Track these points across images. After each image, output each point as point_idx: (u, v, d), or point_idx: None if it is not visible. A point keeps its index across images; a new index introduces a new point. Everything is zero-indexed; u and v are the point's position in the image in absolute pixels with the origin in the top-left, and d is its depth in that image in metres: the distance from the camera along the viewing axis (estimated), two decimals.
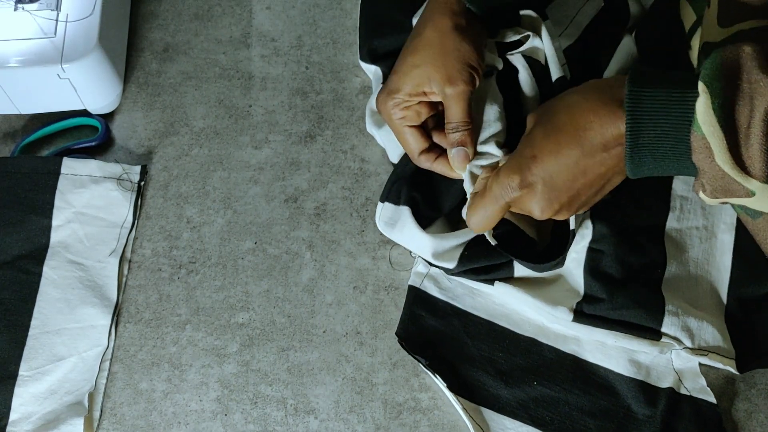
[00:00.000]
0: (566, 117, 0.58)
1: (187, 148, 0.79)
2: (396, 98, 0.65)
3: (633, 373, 0.66)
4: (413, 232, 0.68)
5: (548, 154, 0.58)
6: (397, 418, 0.66)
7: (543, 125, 0.59)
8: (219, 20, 0.86)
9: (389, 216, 0.70)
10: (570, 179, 0.58)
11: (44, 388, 0.67)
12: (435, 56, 0.64)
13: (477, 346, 0.68)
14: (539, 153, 0.58)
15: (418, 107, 0.66)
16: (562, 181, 0.58)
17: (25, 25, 0.75)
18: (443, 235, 0.68)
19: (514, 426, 0.65)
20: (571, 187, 0.59)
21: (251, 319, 0.70)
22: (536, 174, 0.59)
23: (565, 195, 0.59)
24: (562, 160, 0.58)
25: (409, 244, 0.70)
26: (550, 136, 0.58)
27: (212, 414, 0.67)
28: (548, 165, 0.58)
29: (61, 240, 0.73)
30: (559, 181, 0.58)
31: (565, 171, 0.58)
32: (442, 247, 0.68)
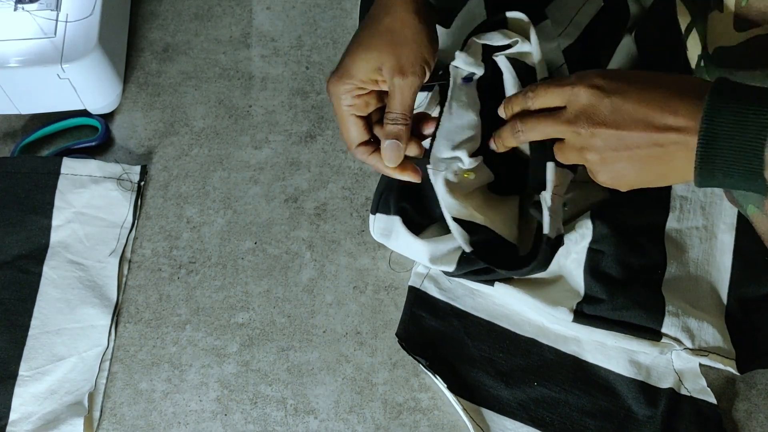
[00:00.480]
0: (650, 80, 0.57)
1: (187, 148, 0.79)
2: (349, 84, 0.64)
3: (633, 374, 0.66)
4: (408, 240, 0.68)
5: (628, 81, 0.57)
6: (397, 418, 0.66)
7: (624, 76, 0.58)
8: (219, 20, 0.86)
9: (382, 227, 0.70)
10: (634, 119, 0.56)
11: (44, 388, 0.67)
12: (391, 44, 0.63)
13: (477, 346, 0.68)
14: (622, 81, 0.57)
15: (368, 97, 0.65)
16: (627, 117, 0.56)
17: (25, 25, 0.75)
18: (439, 239, 0.68)
19: (514, 426, 0.65)
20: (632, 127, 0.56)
21: (251, 319, 0.70)
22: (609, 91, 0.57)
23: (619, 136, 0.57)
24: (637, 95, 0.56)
25: (406, 252, 0.70)
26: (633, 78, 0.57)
27: (212, 414, 0.67)
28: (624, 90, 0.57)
29: (61, 240, 0.73)
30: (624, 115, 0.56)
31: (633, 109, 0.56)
32: (440, 251, 0.68)
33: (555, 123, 0.59)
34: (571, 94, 0.57)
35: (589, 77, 0.57)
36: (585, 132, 0.57)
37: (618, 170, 0.58)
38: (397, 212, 0.69)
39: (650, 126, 0.55)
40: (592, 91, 0.56)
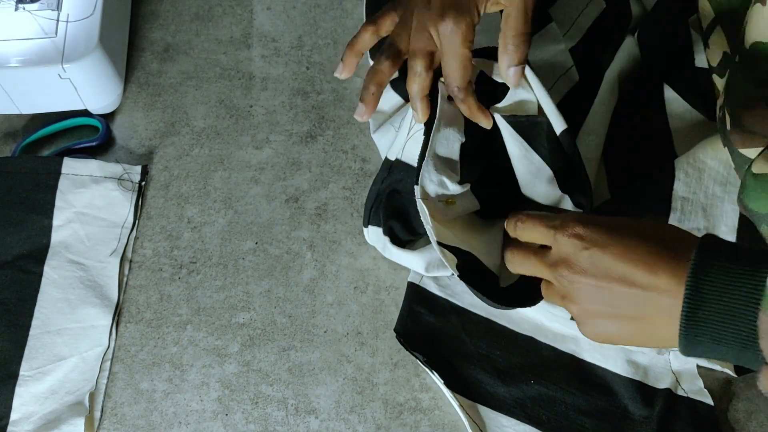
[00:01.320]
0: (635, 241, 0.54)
1: (188, 148, 0.79)
2: (468, 17, 0.61)
3: (630, 374, 0.66)
4: (402, 255, 0.69)
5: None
6: (398, 418, 0.66)
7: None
8: (220, 20, 0.86)
9: (376, 240, 0.71)
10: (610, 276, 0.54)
11: (45, 388, 0.67)
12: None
13: (475, 343, 0.68)
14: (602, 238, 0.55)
15: None
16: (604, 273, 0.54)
17: (26, 25, 0.75)
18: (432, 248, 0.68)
19: (511, 424, 0.65)
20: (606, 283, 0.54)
21: (252, 319, 0.70)
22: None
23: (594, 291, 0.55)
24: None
25: (403, 263, 0.70)
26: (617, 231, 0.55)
27: (213, 414, 0.67)
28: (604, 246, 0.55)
29: (61, 240, 0.73)
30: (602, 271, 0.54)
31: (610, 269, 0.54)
32: (435, 259, 0.68)
33: (539, 263, 0.59)
34: (553, 239, 0.57)
35: (569, 225, 0.56)
36: (565, 280, 0.56)
37: (601, 326, 0.56)
38: (386, 232, 0.69)
39: (632, 285, 0.52)
40: (572, 241, 0.55)
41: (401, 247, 0.69)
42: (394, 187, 0.70)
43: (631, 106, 0.75)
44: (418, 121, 0.67)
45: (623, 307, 0.54)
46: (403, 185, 0.70)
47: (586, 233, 0.55)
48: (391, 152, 0.72)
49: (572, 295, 0.56)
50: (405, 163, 0.70)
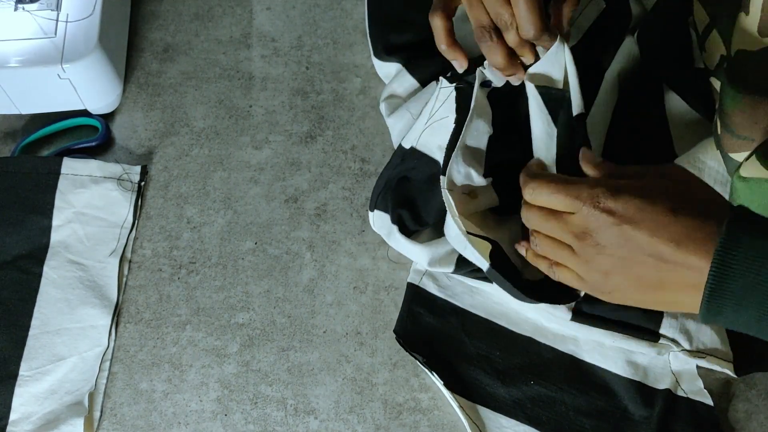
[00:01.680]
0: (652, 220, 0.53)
1: (188, 149, 0.79)
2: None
3: (630, 374, 0.66)
4: (406, 245, 0.69)
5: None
6: (397, 418, 0.66)
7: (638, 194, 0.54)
8: (219, 20, 0.86)
9: (381, 225, 0.71)
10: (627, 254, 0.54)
11: (44, 388, 0.67)
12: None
13: (475, 344, 0.68)
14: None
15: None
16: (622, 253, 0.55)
17: (26, 25, 0.75)
18: (437, 242, 0.68)
19: (511, 425, 0.65)
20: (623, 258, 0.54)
21: (251, 320, 0.70)
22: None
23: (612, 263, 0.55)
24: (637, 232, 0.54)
25: (405, 254, 0.70)
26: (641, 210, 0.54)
27: (212, 414, 0.67)
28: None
29: (61, 240, 0.73)
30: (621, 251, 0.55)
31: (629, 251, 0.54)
32: (438, 254, 0.68)
33: (563, 227, 0.57)
34: (579, 209, 0.56)
35: (600, 197, 0.54)
36: (592, 251, 0.55)
37: (622, 293, 0.57)
38: (394, 220, 0.69)
39: (661, 260, 0.53)
40: (602, 215, 0.54)
41: (407, 237, 0.68)
42: (405, 174, 0.70)
43: (631, 106, 0.75)
44: (519, 78, 0.66)
45: (649, 278, 0.54)
46: (414, 173, 0.70)
47: (617, 207, 0.54)
48: (406, 140, 0.72)
49: (597, 263, 0.56)
50: (420, 152, 0.71)
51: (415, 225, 0.69)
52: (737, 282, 0.49)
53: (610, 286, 0.57)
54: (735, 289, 0.49)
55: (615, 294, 0.57)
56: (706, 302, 0.50)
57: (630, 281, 0.55)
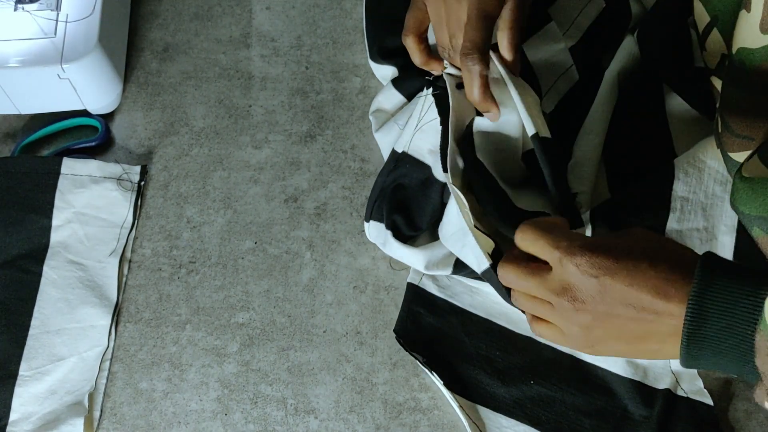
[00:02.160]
0: (629, 278, 0.53)
1: (187, 148, 0.79)
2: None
3: (630, 374, 0.66)
4: (402, 251, 0.69)
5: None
6: (397, 417, 0.66)
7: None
8: (219, 20, 0.86)
9: (376, 235, 0.71)
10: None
11: (44, 388, 0.67)
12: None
13: (475, 344, 0.68)
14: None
15: None
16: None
17: (25, 25, 0.75)
18: (433, 245, 0.68)
19: (510, 424, 0.65)
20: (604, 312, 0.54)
21: (251, 319, 0.70)
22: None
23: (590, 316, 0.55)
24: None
25: (402, 259, 0.70)
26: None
27: (212, 414, 0.67)
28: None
29: (61, 240, 0.73)
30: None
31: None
32: (435, 257, 0.68)
33: (540, 286, 0.57)
34: (558, 262, 0.55)
35: (577, 252, 0.54)
36: (570, 307, 0.54)
37: (604, 343, 0.56)
38: (388, 226, 0.69)
39: (640, 309, 0.52)
40: (580, 268, 0.54)
41: (403, 243, 0.68)
42: (399, 181, 0.71)
43: (631, 105, 0.75)
44: (495, 120, 0.67)
45: (629, 330, 0.54)
46: (408, 180, 0.71)
47: (594, 260, 0.53)
48: (398, 144, 0.72)
49: (575, 320, 0.55)
50: (412, 157, 0.71)
51: (409, 230, 0.70)
52: (714, 326, 0.49)
53: (591, 341, 0.56)
54: (711, 333, 0.50)
55: (598, 347, 0.56)
56: (685, 348, 0.51)
57: (611, 334, 0.55)
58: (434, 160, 0.70)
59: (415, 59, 0.72)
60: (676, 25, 0.74)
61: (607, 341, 0.55)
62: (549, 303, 0.57)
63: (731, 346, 0.49)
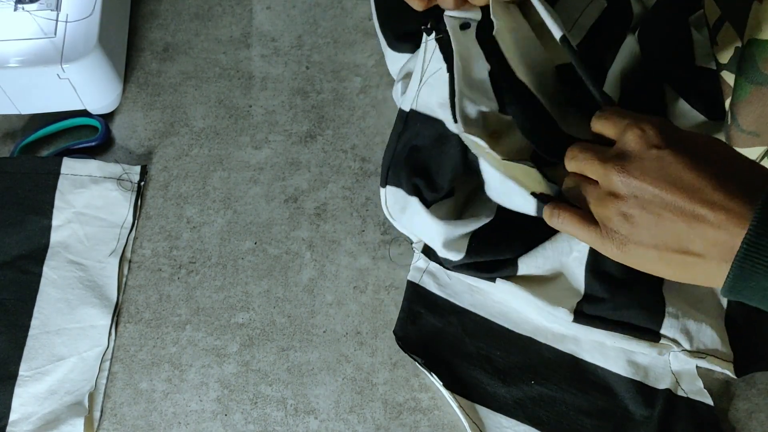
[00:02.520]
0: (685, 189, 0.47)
1: (187, 148, 0.79)
2: None
3: (631, 374, 0.66)
4: (425, 219, 0.66)
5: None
6: (397, 418, 0.66)
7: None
8: (219, 20, 0.86)
9: (395, 201, 0.68)
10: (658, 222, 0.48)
11: (44, 389, 0.67)
12: None
13: (475, 344, 0.68)
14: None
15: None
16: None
17: (25, 25, 0.75)
18: (454, 222, 0.66)
19: (511, 424, 0.65)
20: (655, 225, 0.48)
21: (251, 319, 0.70)
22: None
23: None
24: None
25: (419, 231, 0.68)
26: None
27: (212, 414, 0.67)
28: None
29: (61, 240, 0.73)
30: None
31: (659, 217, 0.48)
32: (453, 235, 0.66)
33: (595, 156, 0.52)
34: (622, 132, 0.51)
35: (644, 121, 0.49)
36: (619, 178, 0.49)
37: (635, 245, 0.50)
38: (412, 191, 0.67)
39: (695, 197, 0.46)
40: (643, 136, 0.49)
41: (427, 208, 0.65)
42: (413, 143, 0.68)
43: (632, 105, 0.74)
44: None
45: (670, 230, 0.48)
46: (421, 139, 0.68)
47: (662, 131, 0.48)
48: (404, 102, 0.70)
49: (618, 195, 0.49)
50: (421, 114, 0.68)
51: (431, 193, 0.66)
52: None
53: (623, 236, 0.50)
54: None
55: (628, 247, 0.50)
56: (739, 261, 0.44)
57: (649, 231, 0.49)
58: (445, 113, 0.66)
59: (415, 5, 0.64)
60: (677, 24, 0.74)
61: (641, 241, 0.49)
62: (594, 182, 0.52)
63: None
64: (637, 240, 0.50)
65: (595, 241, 0.53)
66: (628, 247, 0.51)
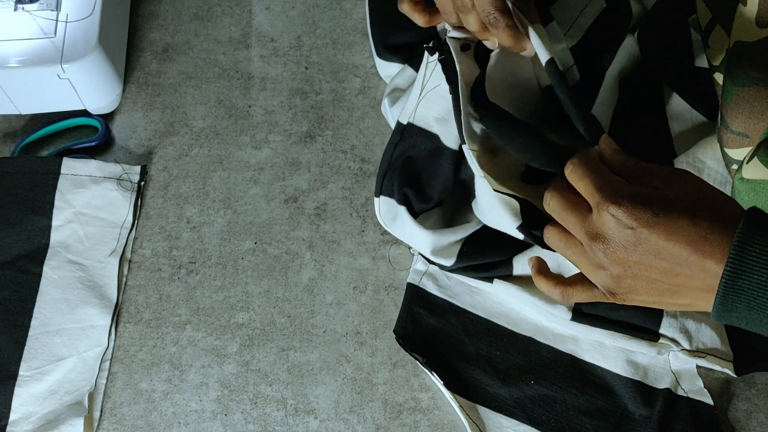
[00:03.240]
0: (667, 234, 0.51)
1: (187, 148, 0.79)
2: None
3: (630, 374, 0.66)
4: (413, 229, 0.68)
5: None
6: (397, 418, 0.66)
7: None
8: (219, 20, 0.86)
9: (387, 209, 0.70)
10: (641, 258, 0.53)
11: (44, 388, 0.67)
12: None
13: (475, 344, 0.68)
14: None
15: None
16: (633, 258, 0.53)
17: (25, 25, 0.75)
18: (443, 231, 0.67)
19: (511, 424, 0.65)
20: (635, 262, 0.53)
21: (251, 319, 0.70)
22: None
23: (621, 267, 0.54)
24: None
25: (410, 241, 0.70)
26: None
27: (212, 414, 0.67)
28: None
29: (61, 240, 0.73)
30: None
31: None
32: (442, 243, 0.67)
33: (577, 224, 0.56)
34: (596, 207, 0.54)
35: (616, 201, 0.53)
36: (601, 255, 0.54)
37: (634, 292, 0.55)
38: (401, 201, 0.68)
39: (676, 264, 0.51)
40: (616, 219, 0.52)
41: (415, 218, 0.67)
42: (409, 153, 0.70)
43: (631, 105, 0.75)
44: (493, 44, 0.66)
45: (662, 283, 0.53)
46: (416, 151, 0.69)
47: (633, 211, 0.52)
48: (402, 115, 0.71)
49: (608, 269, 0.54)
50: (418, 127, 0.70)
51: (420, 204, 0.68)
52: (752, 279, 0.49)
53: (622, 288, 0.55)
54: (749, 286, 0.49)
55: (629, 296, 0.55)
56: (720, 299, 0.50)
57: (641, 285, 0.54)
58: (441, 128, 0.69)
59: (418, 21, 0.68)
60: (676, 25, 0.74)
61: (638, 292, 0.54)
62: (581, 245, 0.56)
63: (767, 302, 0.49)
64: (631, 297, 0.56)
65: (595, 294, 0.58)
66: (625, 296, 0.56)
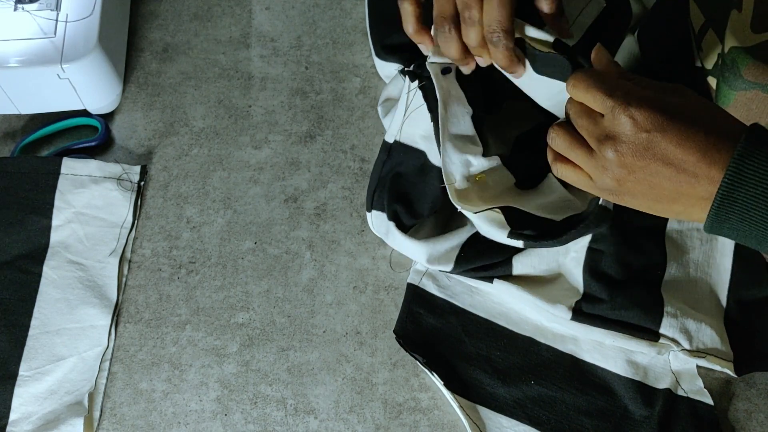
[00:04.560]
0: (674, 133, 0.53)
1: (187, 148, 0.79)
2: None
3: (630, 374, 0.66)
4: (405, 242, 0.69)
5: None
6: (397, 418, 0.66)
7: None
8: (219, 20, 0.86)
9: (379, 223, 0.71)
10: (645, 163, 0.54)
11: (44, 388, 0.67)
12: None
13: (475, 344, 0.68)
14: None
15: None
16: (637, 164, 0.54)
17: (25, 25, 0.75)
18: (436, 239, 0.68)
19: (511, 425, 0.65)
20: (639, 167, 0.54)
21: (251, 319, 0.70)
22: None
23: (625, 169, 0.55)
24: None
25: (405, 252, 0.70)
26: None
27: (212, 414, 0.67)
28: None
29: (60, 240, 0.73)
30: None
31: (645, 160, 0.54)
32: (437, 251, 0.68)
33: (589, 126, 0.56)
34: (610, 112, 0.54)
35: (632, 105, 0.53)
36: (610, 156, 0.54)
37: (632, 195, 0.56)
38: (391, 217, 0.69)
39: (682, 170, 0.53)
40: (632, 121, 0.53)
41: (405, 233, 0.68)
42: (397, 170, 0.71)
43: None
44: (470, 68, 0.66)
45: (663, 188, 0.54)
46: (404, 167, 0.71)
47: (648, 115, 0.53)
48: (389, 134, 0.72)
49: (611, 171, 0.55)
50: (404, 145, 0.71)
51: (410, 219, 0.69)
52: (748, 191, 0.50)
53: (620, 191, 0.56)
54: (744, 198, 0.50)
55: (625, 198, 0.56)
56: (715, 209, 0.51)
57: (642, 189, 0.55)
58: (428, 145, 0.70)
59: (408, 27, 0.66)
60: (676, 24, 0.74)
61: (636, 195, 0.56)
62: (588, 149, 0.57)
63: (760, 215, 0.50)
64: (627, 199, 0.57)
65: (591, 190, 0.59)
66: (620, 198, 0.57)
